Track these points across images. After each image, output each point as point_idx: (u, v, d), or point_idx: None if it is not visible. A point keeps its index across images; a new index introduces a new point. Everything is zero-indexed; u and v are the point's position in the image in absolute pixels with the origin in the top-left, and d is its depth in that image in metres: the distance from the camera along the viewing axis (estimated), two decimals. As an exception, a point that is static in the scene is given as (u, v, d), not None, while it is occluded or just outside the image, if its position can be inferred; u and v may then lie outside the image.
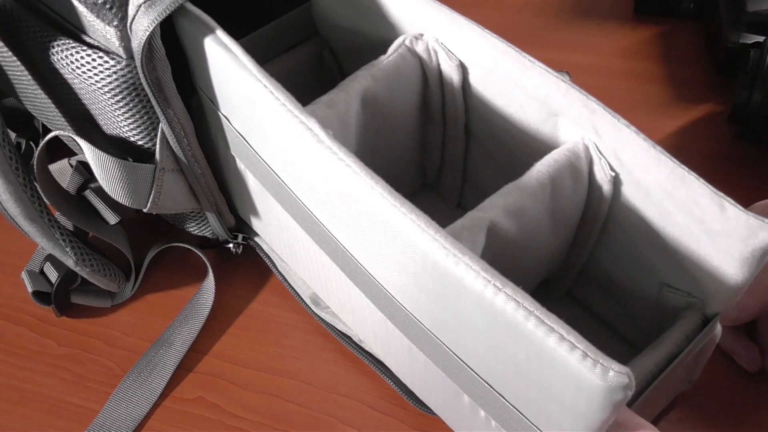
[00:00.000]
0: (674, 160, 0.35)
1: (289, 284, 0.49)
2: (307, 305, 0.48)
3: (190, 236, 0.52)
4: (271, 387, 0.47)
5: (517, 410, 0.32)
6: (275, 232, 0.46)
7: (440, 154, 0.48)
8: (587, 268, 0.44)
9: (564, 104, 0.37)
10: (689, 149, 0.57)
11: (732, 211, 0.33)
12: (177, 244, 0.52)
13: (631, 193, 0.37)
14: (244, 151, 0.41)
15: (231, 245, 0.51)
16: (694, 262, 0.35)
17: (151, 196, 0.43)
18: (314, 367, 0.47)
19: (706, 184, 0.34)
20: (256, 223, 0.48)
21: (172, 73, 0.38)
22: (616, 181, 0.37)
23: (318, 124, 0.33)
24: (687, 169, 0.34)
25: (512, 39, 0.59)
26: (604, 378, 0.26)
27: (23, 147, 0.56)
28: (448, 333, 0.33)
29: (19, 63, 0.44)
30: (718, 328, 0.38)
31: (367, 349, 0.45)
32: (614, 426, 0.30)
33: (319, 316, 0.48)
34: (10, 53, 0.44)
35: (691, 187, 0.34)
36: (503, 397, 0.32)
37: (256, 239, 0.50)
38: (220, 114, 0.41)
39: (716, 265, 0.34)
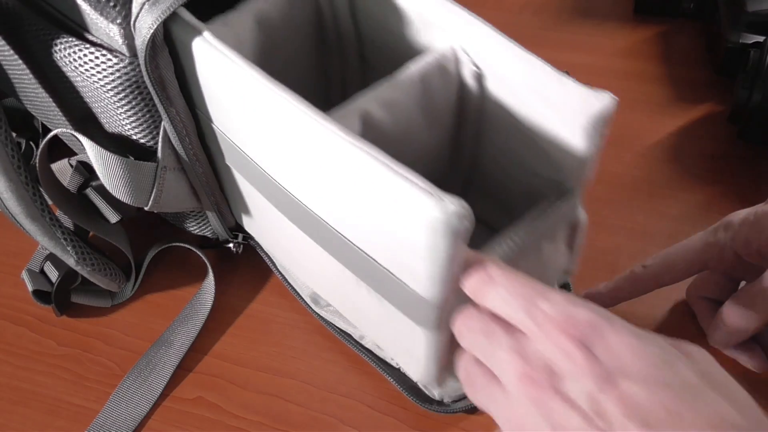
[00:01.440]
0: (524, 48, 0.37)
1: (289, 283, 0.49)
2: (306, 304, 0.48)
3: (190, 236, 0.52)
4: (271, 387, 0.47)
5: (385, 268, 0.34)
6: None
7: (342, 88, 0.49)
8: (473, 178, 0.46)
9: (436, 15, 0.39)
10: (689, 149, 0.57)
11: (570, 85, 0.35)
12: (177, 244, 0.52)
13: (494, 87, 0.39)
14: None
15: (231, 245, 0.51)
16: (550, 142, 0.37)
17: (153, 195, 0.43)
18: (314, 367, 0.47)
19: (548, 64, 0.36)
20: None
21: (175, 71, 0.38)
22: (480, 78, 0.39)
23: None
24: (534, 55, 0.36)
25: (512, 39, 0.58)
26: (440, 208, 0.28)
27: (23, 147, 0.56)
28: (323, 207, 0.36)
29: (20, 61, 0.44)
30: (583, 214, 0.41)
31: (368, 347, 0.46)
32: (465, 266, 0.31)
33: (319, 315, 0.48)
34: (11, 51, 0.44)
35: (537, 70, 0.36)
36: (371, 257, 0.35)
37: (257, 239, 0.50)
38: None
39: (566, 141, 0.36)
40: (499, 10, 0.71)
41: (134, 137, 0.42)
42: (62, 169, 0.48)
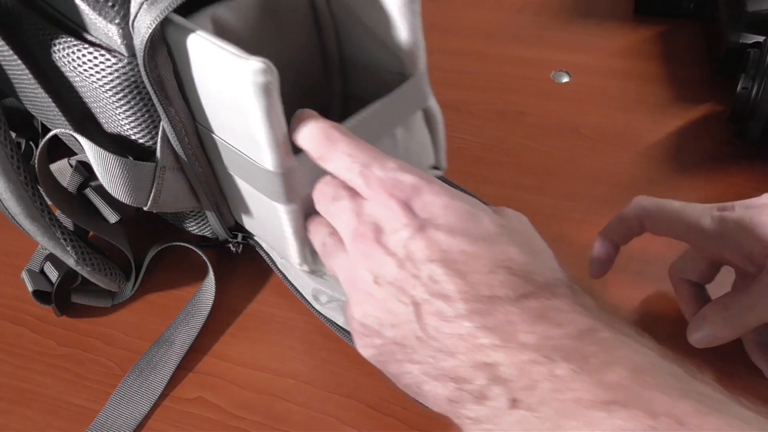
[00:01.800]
0: None
1: (289, 281, 0.49)
2: (307, 302, 0.48)
3: (190, 236, 0.52)
4: (271, 387, 0.47)
5: (243, 153, 0.38)
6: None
7: None
8: (349, 90, 0.48)
9: None
10: (689, 149, 0.57)
11: None
12: (177, 243, 0.52)
13: None
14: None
15: (231, 245, 0.51)
16: (384, 31, 0.41)
17: (152, 195, 0.43)
18: (314, 367, 0.47)
19: None
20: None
21: (174, 71, 0.38)
22: None
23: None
24: None
25: (512, 39, 0.59)
26: (247, 66, 0.33)
27: (23, 147, 0.56)
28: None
29: (19, 61, 0.44)
30: (434, 102, 0.44)
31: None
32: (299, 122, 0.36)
33: (319, 312, 0.48)
34: (10, 51, 0.44)
35: None
36: (235, 148, 0.39)
37: (256, 238, 0.50)
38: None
39: (393, 25, 0.40)
40: (499, 10, 0.71)
41: (133, 137, 0.42)
42: (62, 169, 0.48)
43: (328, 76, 0.48)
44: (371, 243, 0.32)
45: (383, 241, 0.32)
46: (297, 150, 0.37)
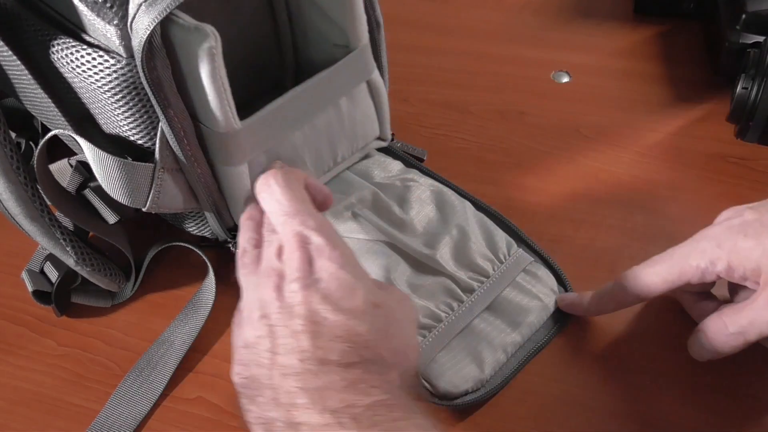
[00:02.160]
0: None
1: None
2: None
3: (190, 236, 0.52)
4: (271, 387, 0.47)
5: (209, 128, 0.41)
6: None
7: None
8: (301, 65, 0.52)
9: None
10: (689, 149, 0.57)
11: None
12: (177, 243, 0.52)
13: None
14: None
15: (230, 245, 0.51)
16: (329, 8, 0.44)
17: (150, 196, 0.43)
18: (314, 367, 0.47)
19: None
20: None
21: (172, 72, 0.38)
22: None
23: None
24: None
25: (512, 39, 0.59)
26: (196, 30, 0.36)
27: (23, 147, 0.56)
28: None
29: (19, 62, 0.44)
30: (377, 75, 0.48)
31: None
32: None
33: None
34: (10, 52, 0.44)
35: None
36: (208, 126, 0.41)
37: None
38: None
39: (336, 1, 0.43)
40: (499, 10, 0.71)
41: (132, 138, 0.42)
42: (62, 169, 0.48)
43: (280, 50, 0.51)
44: (273, 284, 0.36)
45: (282, 286, 0.36)
46: (242, 117, 0.41)
